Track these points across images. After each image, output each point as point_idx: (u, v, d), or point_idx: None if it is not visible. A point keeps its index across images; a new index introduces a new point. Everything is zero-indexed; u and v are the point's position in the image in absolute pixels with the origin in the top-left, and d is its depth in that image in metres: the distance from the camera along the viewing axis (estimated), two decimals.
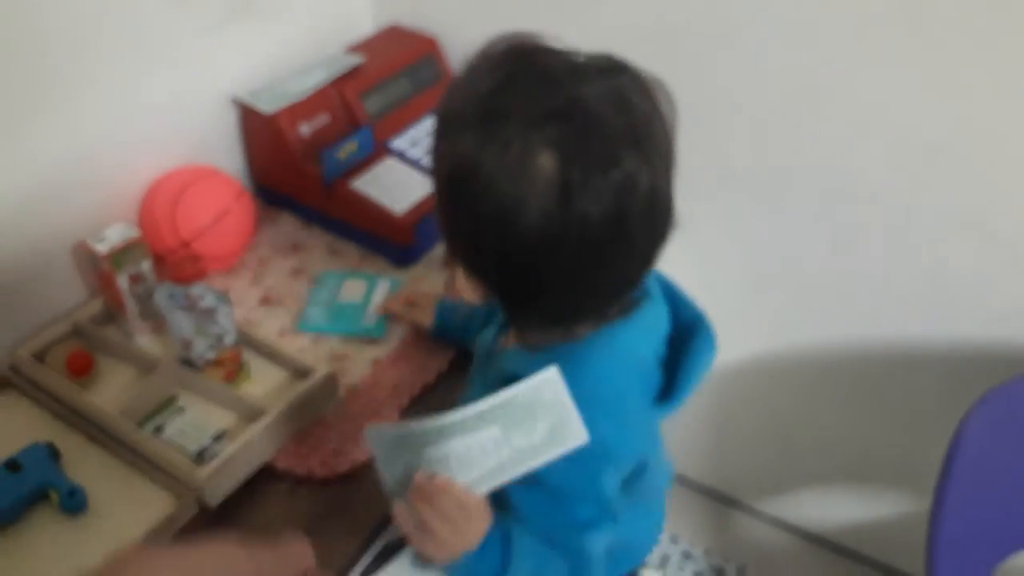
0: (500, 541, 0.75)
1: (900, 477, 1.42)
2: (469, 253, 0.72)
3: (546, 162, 0.63)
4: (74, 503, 0.87)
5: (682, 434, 1.58)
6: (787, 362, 1.41)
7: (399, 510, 0.75)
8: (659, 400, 0.78)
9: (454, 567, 0.76)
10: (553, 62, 0.67)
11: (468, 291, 0.74)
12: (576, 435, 0.71)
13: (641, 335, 0.77)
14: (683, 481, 1.71)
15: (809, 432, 1.48)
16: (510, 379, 0.69)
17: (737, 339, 1.42)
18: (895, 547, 1.50)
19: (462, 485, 0.72)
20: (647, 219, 0.67)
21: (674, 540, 1.61)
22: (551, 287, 0.69)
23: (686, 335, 0.81)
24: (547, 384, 0.71)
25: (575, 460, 0.70)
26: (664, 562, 1.58)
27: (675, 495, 1.64)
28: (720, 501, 1.69)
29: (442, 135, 0.70)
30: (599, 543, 0.78)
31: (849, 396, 1.39)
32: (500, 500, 0.76)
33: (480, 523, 0.74)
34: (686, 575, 1.57)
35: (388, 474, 0.76)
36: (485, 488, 0.73)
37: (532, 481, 0.72)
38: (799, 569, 1.58)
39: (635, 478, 0.81)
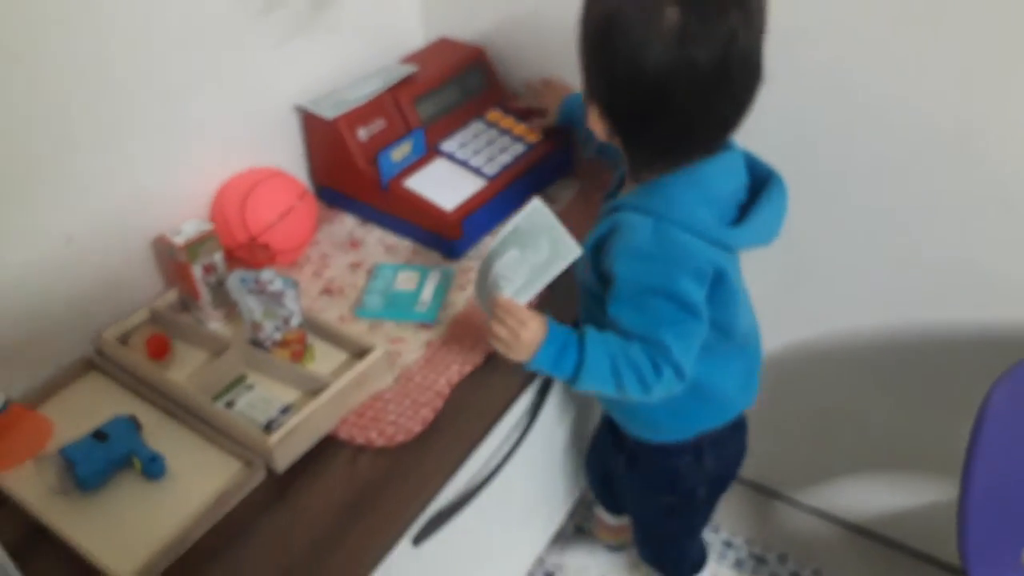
0: (575, 342, 0.95)
1: (941, 465, 1.43)
2: (603, 89, 0.92)
3: (671, 13, 0.82)
4: (155, 469, 0.94)
5: None
6: (824, 351, 1.44)
7: (487, 327, 0.98)
8: (732, 227, 0.95)
9: (537, 366, 0.97)
10: None
11: (598, 127, 0.95)
12: (570, 250, 0.95)
13: (721, 172, 0.96)
14: None
15: (848, 421, 1.50)
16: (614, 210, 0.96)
17: (774, 328, 1.45)
18: (936, 536, 1.50)
19: (508, 296, 0.96)
20: (744, 69, 0.87)
21: (715, 530, 1.64)
22: (665, 119, 0.89)
23: (760, 186, 0.99)
24: (536, 212, 0.97)
25: (649, 261, 0.93)
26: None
27: None
28: (761, 492, 1.72)
29: (586, 4, 0.91)
30: (681, 340, 0.94)
31: (888, 384, 1.41)
32: (599, 327, 0.97)
33: (533, 328, 0.95)
34: (727, 564, 1.59)
35: (482, 301, 1.03)
36: (524, 297, 0.97)
37: (619, 294, 0.94)
38: (840, 558, 1.60)
39: (717, 288, 0.96)
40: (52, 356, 1.07)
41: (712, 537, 1.64)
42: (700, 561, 1.44)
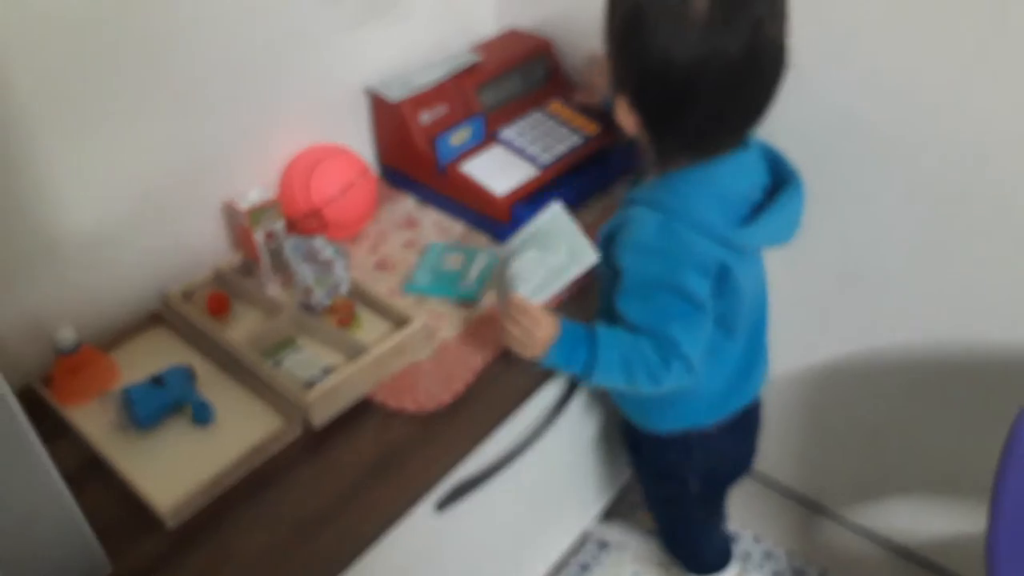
0: (586, 339, 0.99)
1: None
2: (632, 81, 0.94)
3: (699, 3, 0.85)
4: (204, 415, 1.02)
5: (771, 437, 1.60)
6: (879, 366, 1.42)
7: (502, 325, 1.03)
8: (741, 226, 0.96)
9: (550, 363, 1.01)
10: None
11: (627, 120, 0.96)
12: (588, 256, 0.99)
13: (734, 171, 0.98)
14: (770, 483, 1.73)
15: (901, 439, 1.47)
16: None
17: (827, 340, 1.45)
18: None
19: (523, 295, 1.00)
20: (771, 56, 0.90)
21: (757, 540, 1.64)
22: (696, 109, 0.91)
23: (780, 187, 1.01)
24: (556, 216, 1.01)
25: (654, 255, 0.95)
26: (745, 559, 1.60)
27: (762, 497, 1.69)
28: (806, 506, 1.70)
29: None
30: (689, 333, 0.97)
31: (944, 403, 1.37)
32: (613, 315, 1.01)
33: (545, 327, 0.99)
34: (766, 574, 1.59)
35: (499, 298, 1.07)
36: (540, 298, 1.00)
37: (625, 287, 0.98)
38: None
39: (721, 285, 0.98)
40: (124, 306, 1.16)
41: (753, 547, 1.63)
42: (718, 562, 1.44)
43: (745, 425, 1.21)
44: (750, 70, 0.89)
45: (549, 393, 1.20)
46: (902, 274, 1.30)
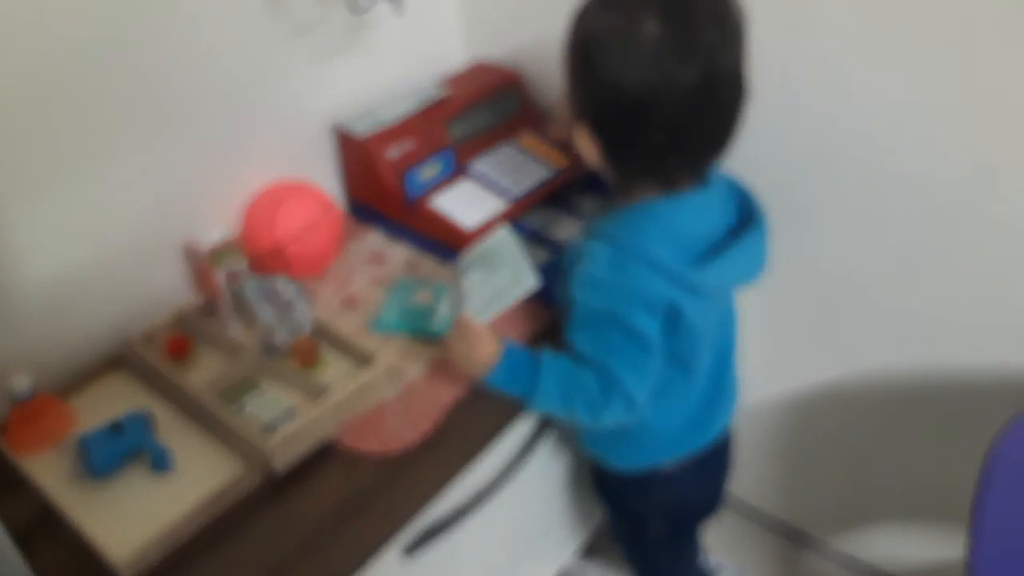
0: (527, 364, 1.00)
1: None
2: (589, 107, 0.93)
3: (650, 28, 0.85)
4: (162, 463, 0.98)
5: (752, 465, 1.58)
6: (859, 393, 1.40)
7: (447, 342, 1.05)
8: (695, 266, 0.94)
9: (491, 383, 1.01)
10: None
11: (587, 147, 0.96)
12: (528, 280, 1.03)
13: (691, 210, 0.97)
14: (752, 512, 1.71)
15: (882, 466, 1.45)
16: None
17: (806, 368, 1.43)
18: None
19: (469, 315, 1.02)
20: (726, 84, 0.89)
21: (743, 572, 1.61)
22: (651, 134, 0.89)
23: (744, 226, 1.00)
24: (503, 239, 1.04)
25: (603, 289, 0.94)
26: None
27: (743, 526, 1.65)
28: (789, 535, 1.67)
29: (570, 26, 0.93)
30: (632, 370, 0.96)
31: (925, 429, 1.36)
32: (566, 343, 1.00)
33: (487, 346, 1.01)
34: None
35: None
36: (484, 317, 1.03)
37: (575, 318, 0.98)
38: None
39: (673, 324, 0.96)
40: (83, 350, 1.13)
41: None
42: None
43: (711, 464, 1.18)
44: (705, 97, 0.88)
45: (519, 431, 1.17)
46: (880, 300, 1.29)
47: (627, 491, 1.17)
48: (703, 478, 1.18)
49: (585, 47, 0.90)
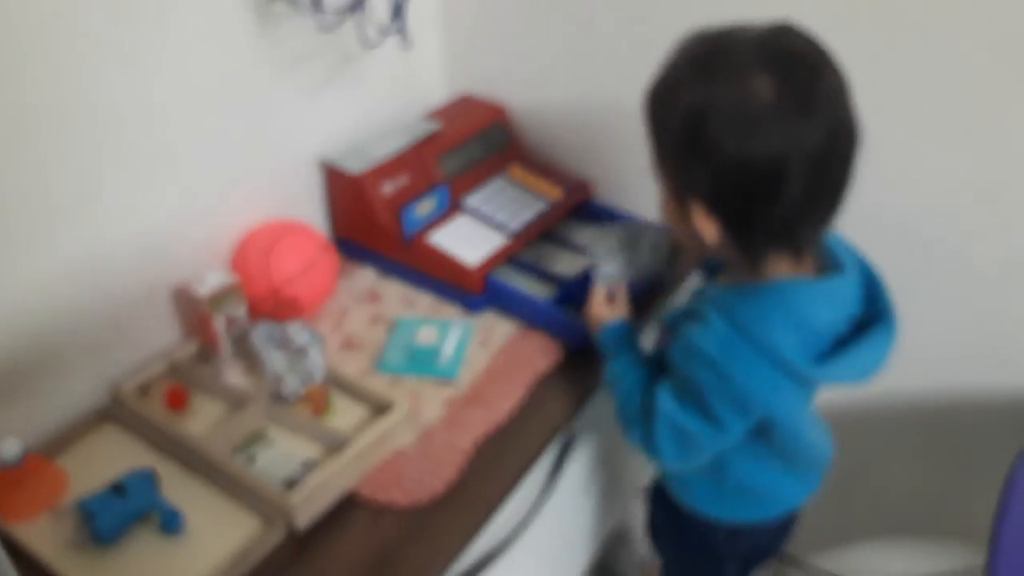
0: (626, 344, 1.06)
1: (962, 532, 1.42)
2: (707, 184, 0.84)
3: (763, 87, 0.77)
4: (173, 524, 0.93)
5: None
6: (844, 411, 1.42)
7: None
8: (816, 361, 0.88)
9: (598, 339, 1.09)
10: (736, 31, 0.83)
11: (705, 225, 0.86)
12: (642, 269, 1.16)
13: (821, 301, 0.89)
14: None
15: (867, 484, 1.49)
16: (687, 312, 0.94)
17: None
18: None
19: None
20: (847, 132, 0.82)
21: None
22: (780, 199, 0.81)
23: (871, 322, 0.92)
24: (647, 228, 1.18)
25: (704, 365, 0.88)
26: None
27: None
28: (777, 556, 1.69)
29: (661, 102, 0.86)
30: (677, 441, 0.94)
31: (910, 447, 1.40)
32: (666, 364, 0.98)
33: (606, 315, 1.09)
34: None
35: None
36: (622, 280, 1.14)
37: (667, 370, 0.96)
38: None
39: (762, 432, 0.95)
40: (70, 404, 1.07)
41: None
42: None
43: (793, 515, 1.18)
44: (830, 152, 0.81)
45: (540, 470, 1.16)
46: None
47: (713, 536, 1.14)
48: (782, 526, 1.18)
49: (694, 123, 0.81)
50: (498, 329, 1.21)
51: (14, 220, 0.95)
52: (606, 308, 1.10)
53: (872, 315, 0.93)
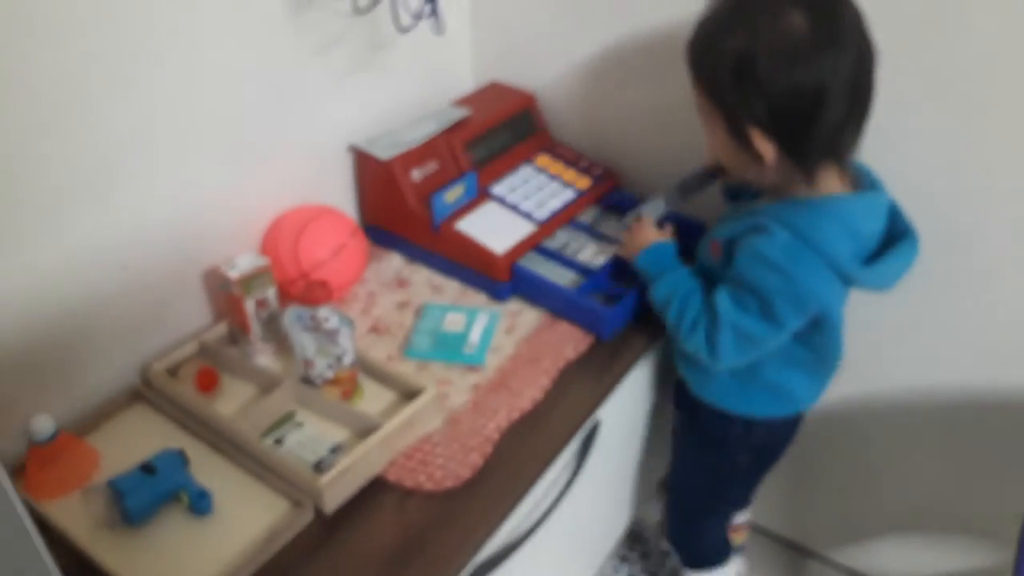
0: (668, 260, 1.14)
1: (987, 531, 1.41)
2: (762, 112, 0.95)
3: (799, 21, 0.91)
4: (202, 505, 0.93)
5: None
6: (869, 408, 1.42)
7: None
8: (862, 265, 1.01)
9: (637, 263, 1.17)
10: None
11: (764, 146, 0.98)
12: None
13: (864, 212, 1.02)
14: (758, 529, 1.72)
15: (892, 481, 1.48)
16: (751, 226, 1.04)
17: None
18: None
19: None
20: (870, 48, 0.95)
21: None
22: (829, 111, 0.94)
23: (896, 238, 1.06)
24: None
25: (769, 268, 1.00)
26: None
27: (751, 543, 1.66)
28: (796, 550, 1.69)
29: (709, 49, 0.98)
30: (737, 341, 1.05)
31: (935, 445, 1.38)
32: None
33: (650, 236, 1.17)
34: None
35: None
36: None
37: (728, 279, 1.06)
38: None
39: (811, 331, 1.07)
40: (100, 384, 1.08)
41: None
42: (718, 558, 1.47)
43: (798, 421, 1.29)
44: (859, 68, 0.95)
45: (567, 454, 1.15)
46: (888, 316, 1.31)
47: (729, 428, 1.23)
48: (791, 422, 1.28)
49: (742, 63, 0.94)
50: (525, 317, 1.21)
51: (45, 203, 0.95)
52: (655, 233, 1.18)
53: (894, 232, 1.06)
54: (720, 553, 1.48)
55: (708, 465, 1.34)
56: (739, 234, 1.06)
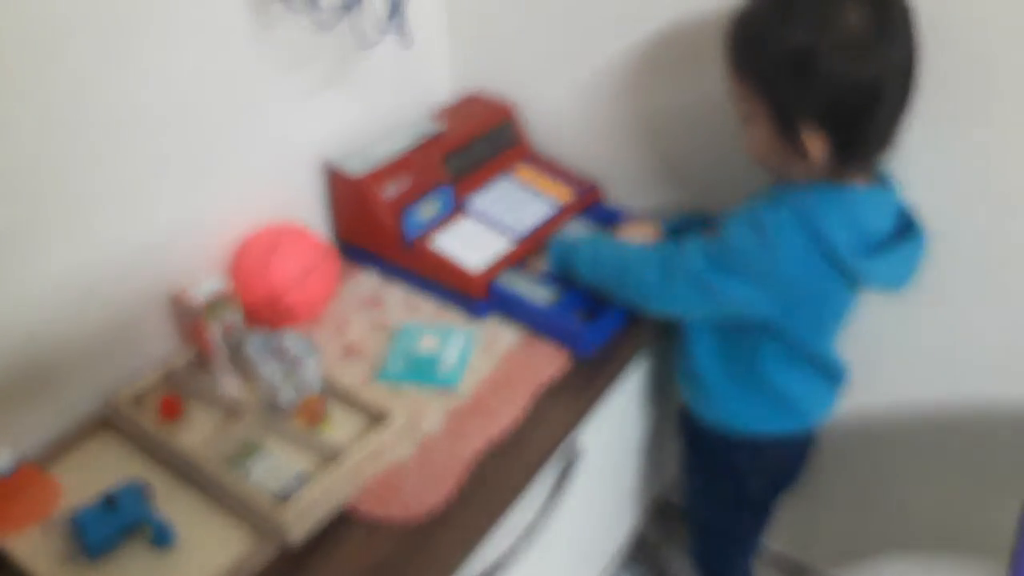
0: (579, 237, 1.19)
1: (985, 546, 1.37)
2: (818, 107, 0.95)
3: (854, 17, 0.91)
4: (164, 537, 0.90)
5: None
6: (873, 425, 1.39)
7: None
8: (862, 258, 1.00)
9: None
10: None
11: (813, 142, 0.97)
12: None
13: (874, 207, 1.02)
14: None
15: (895, 499, 1.45)
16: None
17: None
18: None
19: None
20: (918, 46, 0.96)
21: None
22: (881, 111, 0.95)
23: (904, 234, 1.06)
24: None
25: (757, 235, 1.00)
26: None
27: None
28: (797, 569, 1.66)
29: (762, 44, 0.97)
30: (695, 257, 1.04)
31: (939, 462, 1.35)
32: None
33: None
34: None
35: None
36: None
37: (711, 238, 1.05)
38: None
39: (787, 322, 1.06)
40: (65, 413, 1.05)
41: None
42: None
43: (811, 436, 1.26)
44: (912, 62, 0.96)
45: (547, 477, 1.12)
46: (887, 333, 1.28)
47: (737, 453, 1.22)
48: (801, 446, 1.26)
49: (802, 56, 0.93)
50: (503, 336, 1.17)
51: (6, 227, 0.93)
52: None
53: (903, 230, 1.06)
54: None
55: (719, 496, 1.32)
56: (753, 201, 1.05)
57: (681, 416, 1.33)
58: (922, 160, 1.11)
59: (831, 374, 1.18)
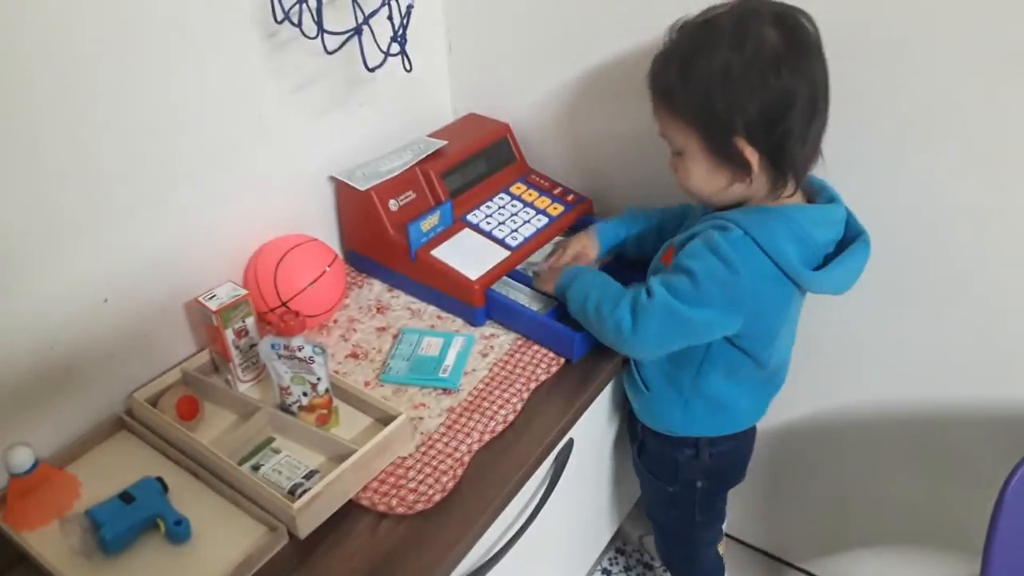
0: (583, 269, 1.21)
1: (960, 542, 1.42)
2: (743, 121, 0.99)
3: (772, 35, 0.97)
4: (180, 532, 0.95)
5: (735, 496, 1.60)
6: (841, 423, 1.44)
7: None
8: (812, 270, 1.05)
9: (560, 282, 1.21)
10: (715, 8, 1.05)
11: (753, 156, 1.01)
12: None
13: (819, 221, 1.07)
14: (736, 543, 1.73)
15: (865, 494, 1.50)
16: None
17: (790, 399, 1.46)
18: None
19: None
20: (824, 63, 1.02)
21: None
22: (815, 122, 1.01)
23: (849, 243, 1.10)
24: None
25: (714, 258, 1.03)
26: None
27: (729, 557, 1.68)
28: (774, 561, 1.71)
29: (693, 65, 1.00)
30: (664, 296, 1.06)
31: (907, 458, 1.40)
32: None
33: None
34: None
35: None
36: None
37: (669, 269, 1.09)
38: None
39: (741, 336, 1.10)
40: (84, 413, 1.10)
41: None
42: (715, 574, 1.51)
43: (750, 437, 1.34)
44: (824, 78, 1.02)
45: (540, 473, 1.18)
46: (865, 332, 1.33)
47: (678, 453, 1.28)
48: (741, 441, 1.31)
49: (722, 79, 0.98)
50: (499, 340, 1.24)
51: (30, 236, 0.98)
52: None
53: (848, 238, 1.10)
54: (715, 572, 1.52)
55: (669, 494, 1.37)
56: (698, 232, 1.08)
57: (630, 423, 1.38)
58: (867, 172, 1.18)
59: (771, 378, 1.24)
